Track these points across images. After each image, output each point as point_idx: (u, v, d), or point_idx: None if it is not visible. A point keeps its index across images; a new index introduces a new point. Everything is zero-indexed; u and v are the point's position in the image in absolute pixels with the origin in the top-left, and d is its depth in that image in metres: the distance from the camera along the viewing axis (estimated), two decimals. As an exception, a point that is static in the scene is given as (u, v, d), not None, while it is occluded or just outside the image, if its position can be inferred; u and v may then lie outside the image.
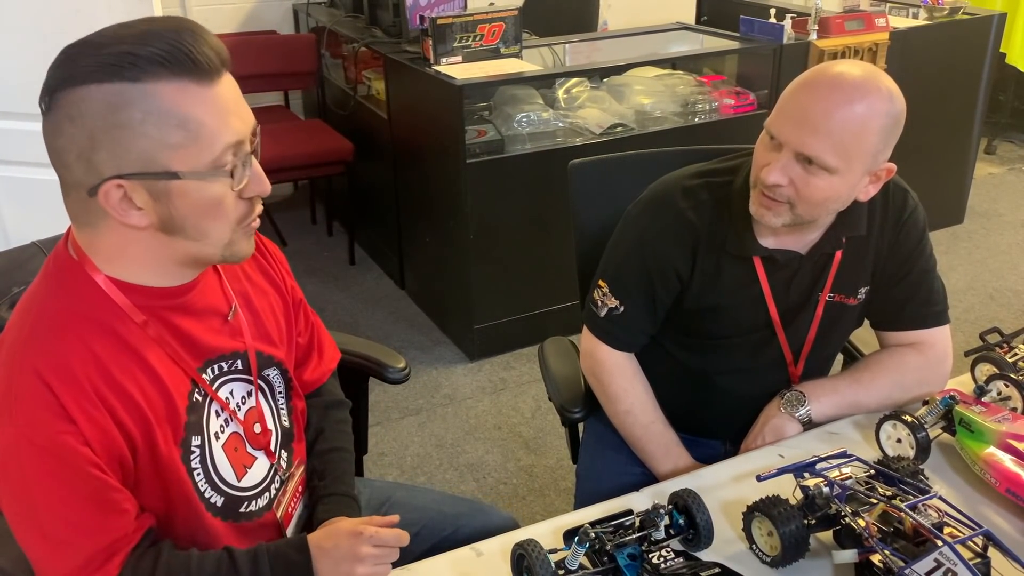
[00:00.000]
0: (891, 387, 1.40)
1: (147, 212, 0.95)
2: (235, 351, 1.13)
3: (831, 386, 1.41)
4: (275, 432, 1.19)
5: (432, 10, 3.22)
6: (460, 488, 2.49)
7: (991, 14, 3.78)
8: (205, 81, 0.93)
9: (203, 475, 1.07)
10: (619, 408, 1.49)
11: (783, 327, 1.43)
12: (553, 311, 3.13)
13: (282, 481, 1.20)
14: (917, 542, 1.00)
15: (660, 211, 1.43)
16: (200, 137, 0.93)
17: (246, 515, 1.14)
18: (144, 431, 1.00)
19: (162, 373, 1.02)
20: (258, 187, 1.01)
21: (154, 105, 0.90)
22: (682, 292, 1.44)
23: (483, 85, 2.96)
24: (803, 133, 1.23)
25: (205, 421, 1.08)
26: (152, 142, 0.91)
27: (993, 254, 3.87)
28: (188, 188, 0.94)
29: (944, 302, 1.44)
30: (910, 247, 1.41)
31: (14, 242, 1.38)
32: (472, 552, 1.14)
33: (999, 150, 5.09)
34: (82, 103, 0.90)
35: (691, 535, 1.09)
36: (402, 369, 1.53)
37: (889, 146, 1.28)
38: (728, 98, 3.26)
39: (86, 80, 0.89)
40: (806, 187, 1.26)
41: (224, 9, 4.14)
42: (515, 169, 2.96)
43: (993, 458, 1.20)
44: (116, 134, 0.90)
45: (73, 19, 1.97)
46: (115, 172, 0.92)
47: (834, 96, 1.22)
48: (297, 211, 4.36)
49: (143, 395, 1.00)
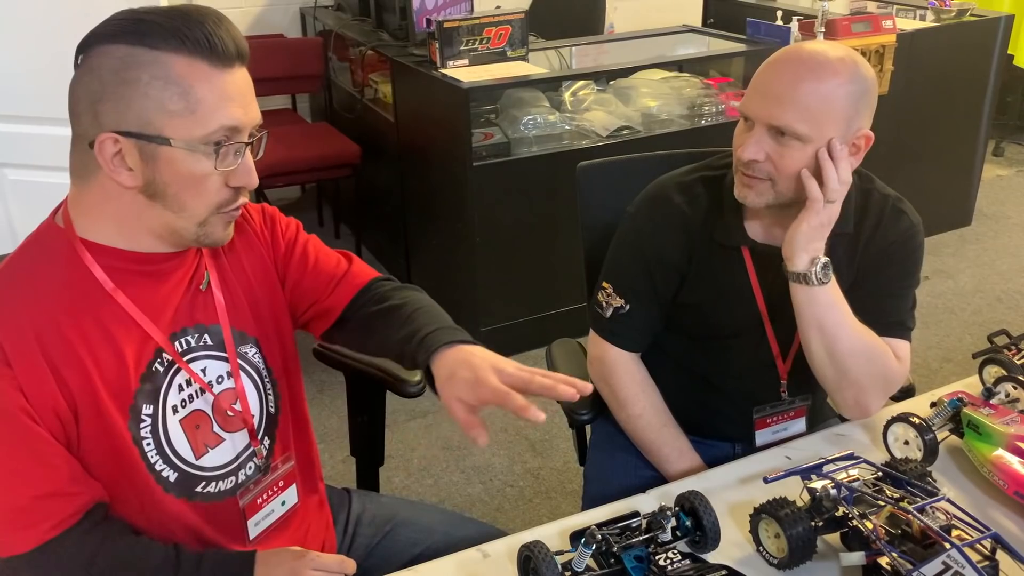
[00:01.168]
0: (863, 340, 1.32)
1: (136, 174, 1.00)
2: (201, 324, 1.13)
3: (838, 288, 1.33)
4: (259, 416, 1.19)
5: (439, 13, 3.23)
6: (467, 491, 2.50)
7: (998, 16, 3.77)
8: (217, 65, 0.99)
9: (154, 446, 1.08)
10: (631, 412, 1.49)
11: (771, 322, 1.43)
12: (560, 313, 3.13)
13: (258, 468, 1.19)
14: (925, 545, 1.00)
15: (656, 207, 1.45)
16: (197, 111, 0.98)
17: (203, 495, 1.13)
18: (88, 392, 1.01)
19: (120, 339, 1.04)
20: (245, 178, 1.05)
21: (162, 72, 0.97)
22: (680, 285, 1.45)
23: (489, 88, 2.97)
24: (770, 105, 1.27)
25: (163, 391, 1.08)
26: (152, 104, 0.97)
27: (1001, 256, 3.86)
28: (175, 156, 0.99)
29: (910, 321, 1.41)
30: (897, 263, 1.40)
31: (23, 245, 1.38)
32: (478, 553, 1.14)
33: (1007, 152, 5.08)
34: (103, 56, 0.97)
35: (698, 537, 1.09)
36: (418, 383, 1.52)
37: (862, 114, 1.29)
38: (735, 100, 3.26)
39: (112, 39, 0.97)
40: (781, 159, 1.28)
41: (232, 13, 4.11)
42: (521, 172, 2.96)
43: (1001, 460, 1.20)
44: (122, 90, 0.97)
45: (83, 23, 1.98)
46: (114, 127, 0.98)
47: (798, 68, 1.26)
48: (304, 214, 4.37)
49: (92, 357, 1.02)
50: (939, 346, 3.16)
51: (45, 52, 2.03)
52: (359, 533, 1.37)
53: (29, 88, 2.10)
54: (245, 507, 1.18)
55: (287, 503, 1.24)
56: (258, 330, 1.20)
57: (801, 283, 1.30)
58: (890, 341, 1.38)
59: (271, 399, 1.22)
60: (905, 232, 1.40)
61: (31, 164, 2.20)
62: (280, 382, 1.24)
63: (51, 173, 1.92)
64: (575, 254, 1.74)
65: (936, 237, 3.95)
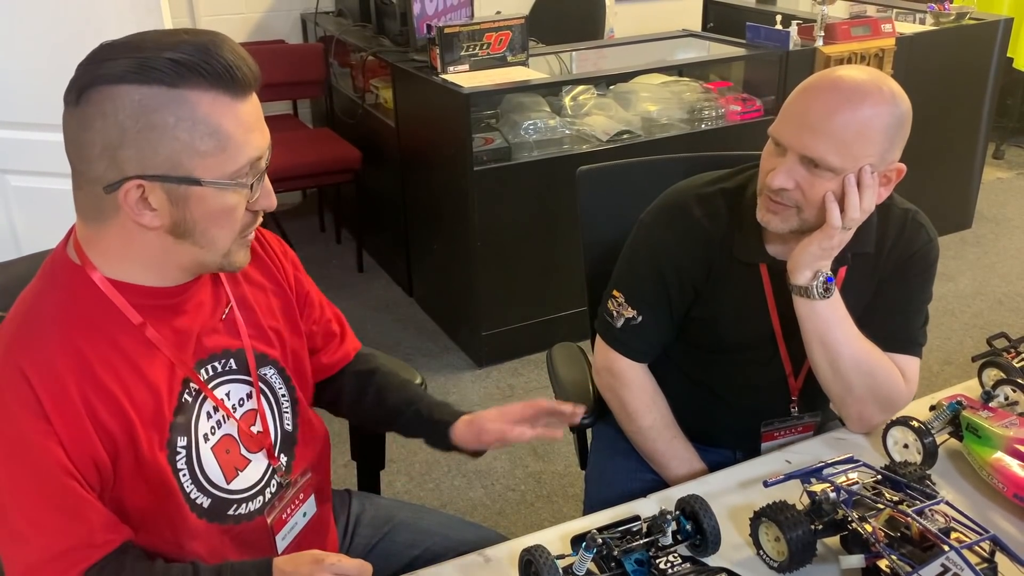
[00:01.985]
0: (868, 361, 1.33)
1: (160, 214, 0.97)
2: (228, 349, 1.13)
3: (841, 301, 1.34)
4: (275, 434, 1.19)
5: (439, 19, 3.24)
6: (468, 495, 2.50)
7: (997, 19, 3.78)
8: (239, 95, 0.96)
9: (189, 476, 1.07)
10: (642, 424, 1.48)
11: (784, 339, 1.42)
12: (561, 317, 3.14)
13: (280, 485, 1.19)
14: (924, 547, 1.00)
15: (675, 218, 1.43)
16: (227, 148, 0.96)
17: (234, 518, 1.13)
18: (127, 433, 1.00)
19: (152, 375, 1.03)
20: (266, 201, 1.04)
21: (188, 111, 0.93)
22: (695, 300, 1.44)
23: (490, 93, 2.98)
24: (805, 135, 1.24)
25: (194, 422, 1.08)
26: (181, 146, 0.93)
27: (1002, 259, 3.86)
28: (207, 195, 0.97)
29: (922, 337, 1.41)
30: (911, 277, 1.40)
31: (25, 251, 1.39)
32: (480, 558, 1.15)
33: (1007, 155, 5.08)
34: (118, 100, 0.91)
35: (698, 540, 1.10)
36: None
37: (896, 146, 1.27)
38: (735, 104, 3.27)
39: (123, 80, 0.91)
40: (812, 190, 1.26)
41: (233, 19, 4.17)
42: (522, 176, 2.97)
43: (1000, 463, 1.20)
44: (147, 134, 0.92)
45: (85, 30, 1.99)
46: (138, 172, 0.94)
47: (834, 97, 1.23)
48: (306, 219, 4.38)
49: (128, 397, 1.00)
50: (939, 349, 3.16)
51: (47, 58, 2.04)
52: (358, 533, 1.38)
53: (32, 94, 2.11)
54: (273, 523, 1.18)
55: (308, 513, 1.25)
56: (278, 349, 1.21)
57: (803, 296, 1.31)
58: (899, 358, 1.37)
59: (287, 416, 1.22)
60: (924, 246, 1.39)
61: (34, 171, 2.20)
62: (297, 399, 1.24)
63: (54, 179, 1.93)
64: (576, 258, 1.75)
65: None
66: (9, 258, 1.35)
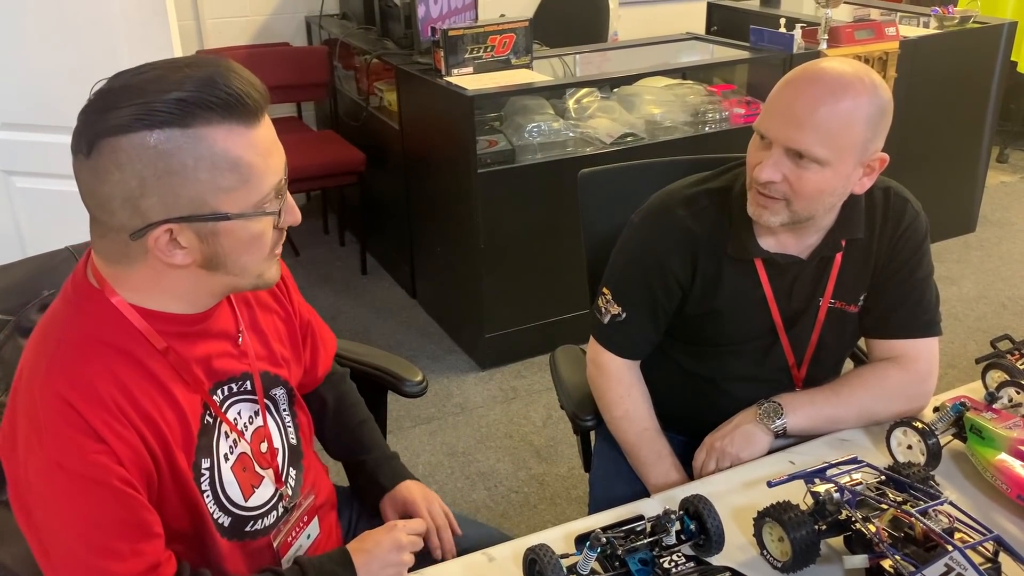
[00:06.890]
0: (871, 402, 1.38)
1: (191, 251, 0.96)
2: (243, 373, 1.14)
3: (808, 399, 1.40)
4: (282, 450, 1.20)
5: (443, 22, 3.25)
6: (471, 497, 2.50)
7: (1001, 23, 3.78)
8: (252, 122, 0.94)
9: (212, 496, 1.08)
10: (615, 414, 1.50)
11: (786, 331, 1.44)
12: (564, 320, 3.14)
13: (286, 509, 1.19)
14: (927, 547, 1.00)
15: (660, 220, 1.46)
16: (250, 179, 0.94)
17: (251, 534, 1.15)
18: (164, 452, 1.01)
19: (179, 397, 1.03)
20: (291, 217, 1.03)
21: (205, 150, 0.91)
22: (684, 299, 1.46)
23: (494, 96, 2.99)
24: (790, 128, 1.26)
25: (215, 443, 1.09)
26: (204, 186, 0.92)
27: (1006, 263, 3.85)
28: (235, 227, 0.96)
29: (935, 313, 1.43)
30: (906, 255, 1.41)
31: (31, 252, 1.39)
32: (484, 557, 1.15)
33: (1011, 159, 5.08)
34: (131, 150, 0.89)
35: (702, 540, 1.10)
36: (419, 383, 1.53)
37: (879, 136, 1.30)
38: (738, 107, 3.27)
39: (133, 128, 0.88)
40: (799, 181, 1.28)
41: (237, 22, 4.18)
42: (526, 179, 2.97)
43: (1004, 464, 1.20)
44: (167, 180, 0.90)
45: (90, 31, 2.00)
46: (164, 216, 0.92)
47: (818, 89, 1.26)
48: (310, 221, 4.39)
49: (162, 418, 1.00)
50: (943, 352, 3.12)
51: (52, 60, 2.05)
52: (360, 529, 1.38)
53: (36, 96, 2.12)
54: (279, 547, 1.19)
55: (311, 535, 1.26)
56: (285, 368, 1.22)
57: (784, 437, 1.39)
58: (915, 343, 1.40)
59: (291, 430, 1.23)
60: (913, 222, 1.42)
61: (39, 172, 2.21)
62: (299, 413, 1.25)
63: (59, 181, 1.94)
64: (579, 260, 1.75)
65: (940, 243, 3.95)
66: (13, 259, 1.36)
